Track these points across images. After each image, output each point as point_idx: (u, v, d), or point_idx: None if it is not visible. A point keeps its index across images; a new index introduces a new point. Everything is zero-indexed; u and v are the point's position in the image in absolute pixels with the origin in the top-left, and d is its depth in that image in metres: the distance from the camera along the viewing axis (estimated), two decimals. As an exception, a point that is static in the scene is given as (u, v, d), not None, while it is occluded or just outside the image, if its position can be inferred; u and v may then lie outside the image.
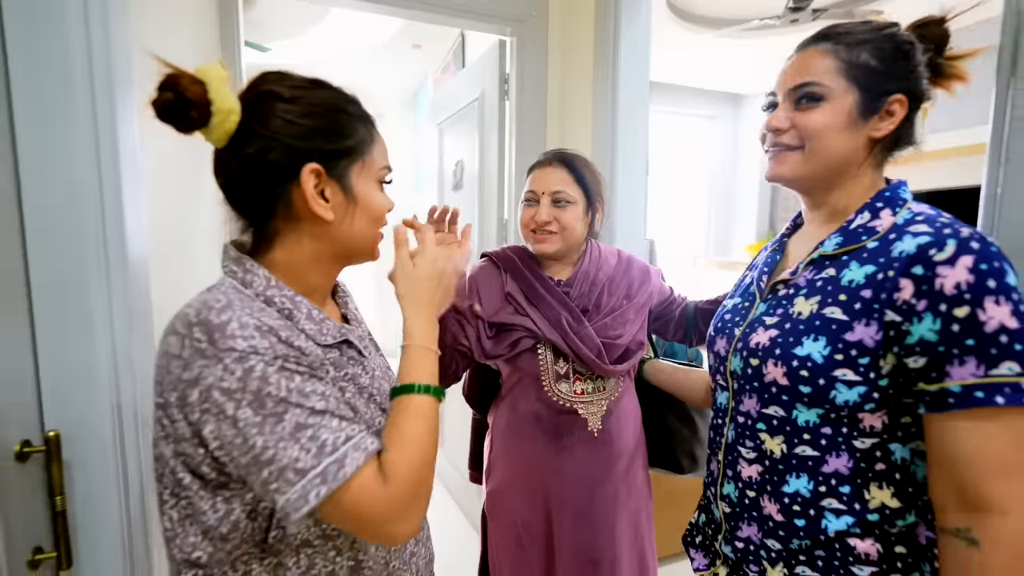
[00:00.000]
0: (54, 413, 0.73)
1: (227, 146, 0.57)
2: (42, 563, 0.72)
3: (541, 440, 1.04)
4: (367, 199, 0.63)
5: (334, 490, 0.50)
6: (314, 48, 3.32)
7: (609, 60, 1.55)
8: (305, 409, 0.52)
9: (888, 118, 0.63)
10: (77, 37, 0.70)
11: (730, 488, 0.72)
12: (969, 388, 0.52)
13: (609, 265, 1.09)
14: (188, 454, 0.54)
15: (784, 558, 0.66)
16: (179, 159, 1.09)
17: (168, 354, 0.53)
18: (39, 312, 0.71)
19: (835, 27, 0.66)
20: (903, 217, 0.61)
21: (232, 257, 0.61)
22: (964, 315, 0.52)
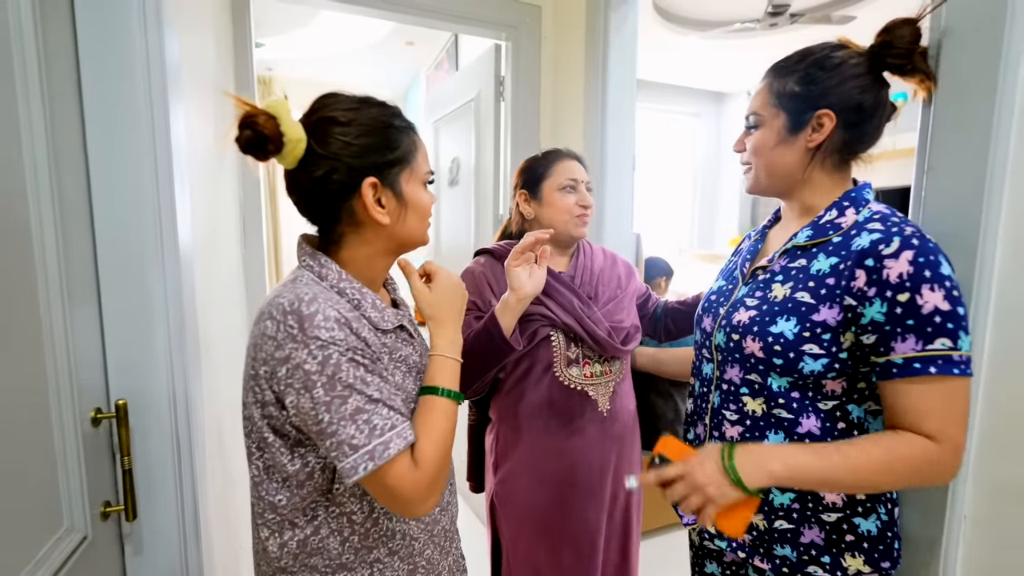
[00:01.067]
0: (120, 385, 0.83)
1: (298, 168, 0.67)
2: (110, 515, 0.82)
3: (554, 424, 1.09)
4: (416, 200, 0.73)
5: (379, 467, 0.61)
6: (308, 44, 3.37)
7: (599, 64, 1.66)
8: (364, 396, 0.62)
9: (819, 129, 0.73)
10: (139, 53, 0.80)
11: None
12: (909, 360, 0.63)
13: (599, 259, 1.19)
14: (273, 416, 0.66)
15: (763, 509, 0.77)
16: (207, 165, 1.18)
17: (264, 335, 0.63)
18: (106, 298, 0.81)
19: (777, 62, 0.79)
20: (864, 215, 0.71)
21: (308, 252, 0.71)
22: (905, 300, 0.63)
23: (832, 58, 0.73)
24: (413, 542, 0.75)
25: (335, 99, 0.69)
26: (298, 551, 0.70)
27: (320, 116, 0.67)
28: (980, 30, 0.66)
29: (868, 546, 0.72)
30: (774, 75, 0.78)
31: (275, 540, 0.70)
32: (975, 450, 0.70)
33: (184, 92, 0.94)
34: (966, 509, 0.71)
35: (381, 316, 0.71)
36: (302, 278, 0.68)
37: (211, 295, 1.17)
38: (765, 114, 0.78)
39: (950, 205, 0.71)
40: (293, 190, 0.70)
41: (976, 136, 0.67)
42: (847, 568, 0.72)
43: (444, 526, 0.81)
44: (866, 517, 0.73)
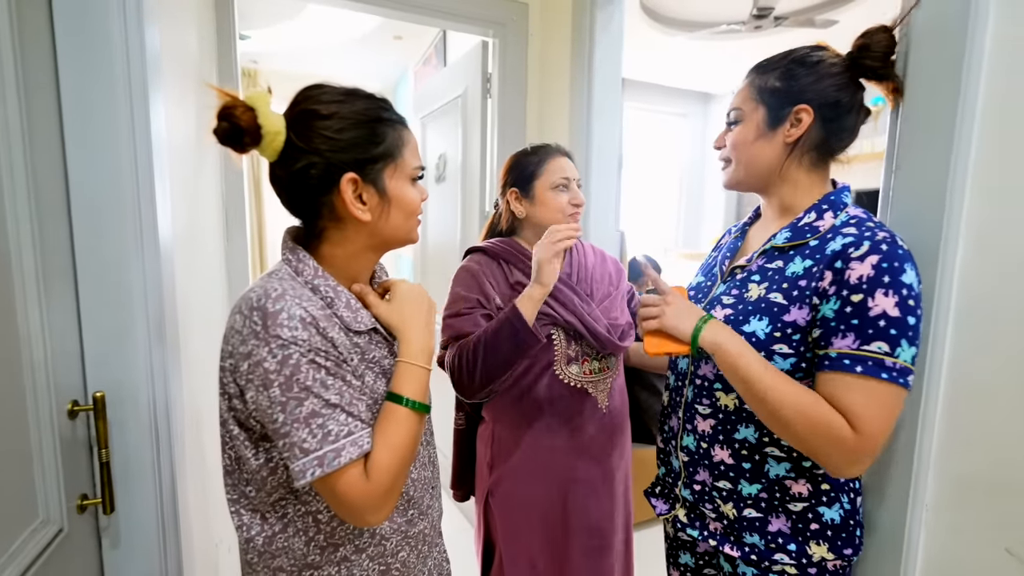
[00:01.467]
0: (97, 377, 0.82)
1: (278, 160, 0.65)
2: (87, 508, 0.82)
3: (555, 422, 1.09)
4: (400, 196, 0.70)
5: (327, 474, 0.59)
6: (295, 37, 3.34)
7: (585, 63, 1.68)
8: (321, 400, 0.60)
9: (797, 124, 0.75)
10: (118, 42, 0.79)
11: (689, 440, 0.85)
12: (842, 355, 0.65)
13: (591, 257, 1.20)
14: (238, 409, 0.66)
15: (733, 499, 0.79)
16: (189, 157, 1.18)
17: (232, 328, 0.63)
18: (83, 289, 0.81)
19: (760, 61, 0.81)
20: (841, 219, 0.73)
21: (289, 247, 0.70)
22: (858, 300, 0.65)
23: (812, 56, 0.76)
24: (384, 542, 0.74)
25: (320, 90, 0.67)
26: (263, 549, 0.69)
27: (302, 108, 0.66)
28: (945, 38, 0.68)
29: (831, 534, 0.75)
30: (756, 72, 0.80)
31: (244, 532, 0.70)
32: (936, 442, 0.73)
33: (165, 83, 0.93)
34: (927, 498, 0.74)
35: (355, 316, 0.69)
36: (278, 272, 0.67)
37: (192, 287, 1.17)
38: (746, 108, 0.79)
39: (915, 203, 0.73)
40: (274, 182, 0.69)
41: (940, 137, 0.69)
42: (812, 555, 0.74)
43: (423, 530, 0.79)
44: (830, 506, 0.75)
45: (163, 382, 0.88)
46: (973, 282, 0.68)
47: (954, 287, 0.70)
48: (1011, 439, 0.66)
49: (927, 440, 0.73)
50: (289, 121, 0.65)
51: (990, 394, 0.68)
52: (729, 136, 0.82)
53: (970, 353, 0.69)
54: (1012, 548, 0.66)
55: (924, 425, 0.72)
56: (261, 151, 0.65)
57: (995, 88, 0.66)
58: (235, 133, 0.63)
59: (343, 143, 0.65)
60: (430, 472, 0.83)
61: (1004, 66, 0.65)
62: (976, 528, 0.70)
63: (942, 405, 0.72)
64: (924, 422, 0.72)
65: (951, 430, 0.72)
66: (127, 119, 0.81)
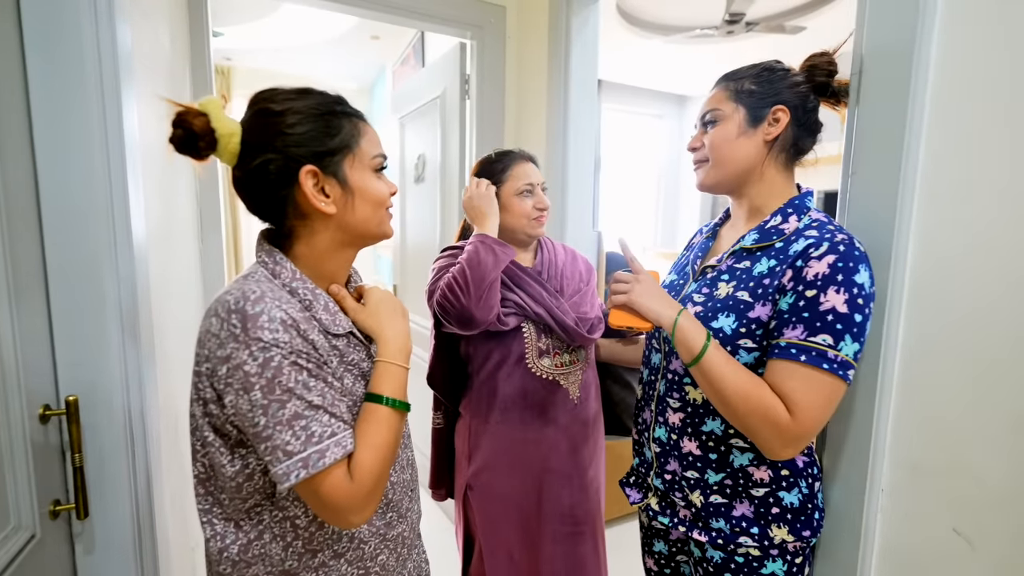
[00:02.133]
0: (70, 381, 0.81)
1: (237, 164, 0.66)
2: (60, 513, 0.81)
3: (528, 414, 1.13)
4: (364, 187, 0.69)
5: (312, 475, 0.59)
6: (270, 35, 3.30)
7: (561, 65, 1.70)
8: (304, 401, 0.60)
9: (775, 124, 0.80)
10: (89, 39, 0.78)
11: (661, 432, 0.88)
12: (790, 344, 0.70)
13: (561, 255, 1.24)
14: (214, 415, 0.64)
15: (701, 487, 0.83)
16: (162, 157, 1.16)
17: (209, 332, 0.62)
18: (55, 292, 0.79)
19: (729, 72, 0.85)
20: (804, 223, 0.77)
21: (265, 249, 0.69)
22: (811, 295, 0.70)
23: (779, 66, 0.83)
24: (363, 545, 0.73)
25: (272, 91, 0.67)
26: (238, 558, 0.68)
27: (255, 109, 0.66)
28: (895, 55, 0.73)
29: (791, 517, 0.79)
30: (728, 79, 0.84)
31: (216, 543, 0.68)
32: (891, 430, 0.77)
33: (137, 81, 0.92)
34: (883, 483, 0.78)
35: (333, 319, 0.69)
36: (255, 274, 0.66)
37: (167, 290, 1.15)
38: (725, 109, 0.82)
39: (869, 205, 0.77)
40: (236, 186, 0.68)
41: (891, 144, 0.73)
42: (773, 538, 0.79)
43: (402, 532, 0.79)
44: (789, 491, 0.79)
45: (138, 385, 0.88)
46: (922, 279, 0.73)
47: (905, 284, 0.74)
48: (957, 426, 0.70)
49: (882, 428, 0.77)
50: (244, 123, 0.66)
51: (938, 384, 0.72)
52: (707, 137, 0.84)
53: (920, 346, 0.74)
54: (959, 527, 0.71)
55: (879, 414, 0.76)
56: (219, 155, 0.65)
57: (940, 100, 0.70)
58: (190, 139, 0.63)
59: (297, 137, 0.65)
60: (409, 475, 0.83)
61: (948, 80, 0.70)
62: (927, 510, 0.74)
63: (895, 395, 0.76)
64: (879, 411, 0.76)
65: (904, 420, 0.76)
66: (99, 119, 0.80)
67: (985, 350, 0.67)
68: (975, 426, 0.68)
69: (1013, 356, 0.65)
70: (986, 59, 0.66)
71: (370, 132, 0.71)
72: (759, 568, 0.80)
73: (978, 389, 0.68)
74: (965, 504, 0.70)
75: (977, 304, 0.68)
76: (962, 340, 0.69)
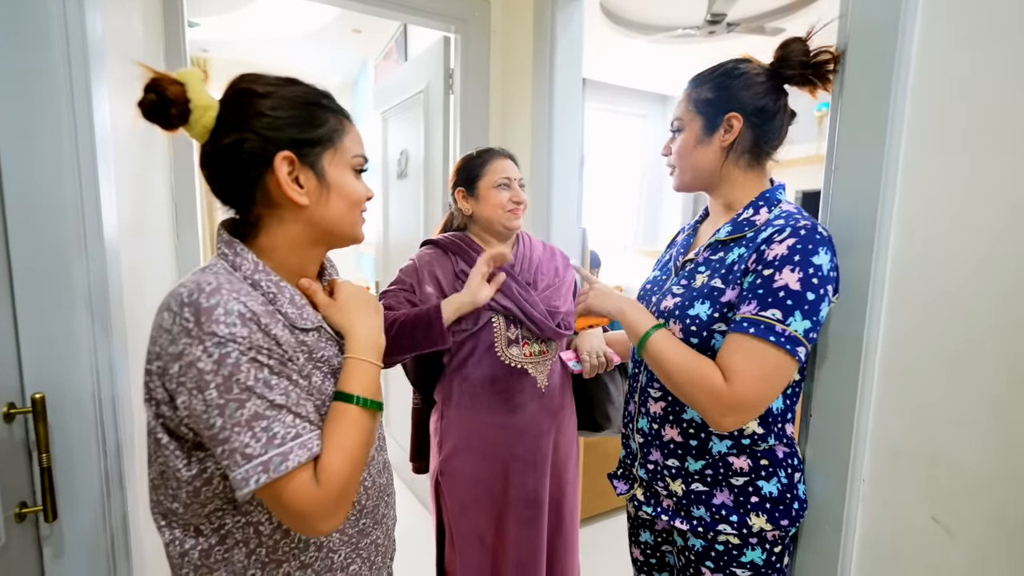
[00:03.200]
0: (36, 379, 0.78)
1: (208, 140, 0.62)
2: (27, 516, 0.77)
3: (496, 401, 1.17)
4: (341, 184, 0.66)
5: (273, 480, 0.55)
6: (248, 26, 3.22)
7: (546, 61, 1.70)
8: (266, 400, 0.56)
9: (730, 130, 0.83)
10: (56, 26, 0.75)
11: (643, 422, 0.91)
12: (743, 319, 0.72)
13: (538, 250, 1.27)
14: (166, 416, 0.60)
15: (682, 476, 0.85)
16: (135, 150, 1.12)
17: (160, 327, 0.57)
18: (19, 288, 0.76)
19: (695, 75, 0.88)
20: (775, 214, 0.79)
21: (225, 240, 0.65)
22: (768, 274, 0.72)
23: (738, 68, 0.84)
24: (332, 555, 0.70)
25: (256, 75, 0.65)
26: (199, 563, 0.64)
27: (237, 88, 0.63)
28: (876, 42, 0.74)
29: (770, 506, 0.81)
30: (692, 85, 0.88)
31: (176, 547, 0.65)
32: (872, 419, 0.78)
33: (109, 71, 0.89)
34: (863, 472, 0.79)
35: (300, 313, 0.65)
36: (213, 267, 0.62)
37: (141, 285, 1.11)
38: (686, 118, 0.87)
39: (852, 199, 0.78)
40: (203, 164, 0.64)
41: (873, 137, 0.74)
42: (752, 526, 0.80)
43: (376, 540, 0.76)
44: (768, 480, 0.81)
45: (109, 383, 0.84)
46: (903, 270, 0.74)
47: (887, 275, 0.75)
48: (936, 415, 0.72)
49: (864, 418, 0.78)
50: (222, 101, 0.62)
51: (919, 374, 0.73)
52: (674, 144, 0.90)
53: (901, 336, 0.75)
54: (937, 516, 0.72)
55: (861, 404, 0.78)
56: (189, 129, 0.61)
57: (920, 95, 0.72)
58: (161, 105, 0.59)
59: (279, 121, 0.62)
60: (384, 479, 0.80)
61: (928, 76, 0.71)
62: (907, 499, 0.75)
63: (877, 385, 0.77)
64: (861, 401, 0.78)
65: (884, 409, 0.77)
66: (67, 109, 0.77)
67: (959, 334, 0.69)
68: (952, 411, 0.70)
69: (985, 339, 0.66)
70: (962, 55, 0.67)
71: (354, 132, 0.70)
72: (738, 556, 0.81)
73: (954, 374, 0.69)
74: (943, 492, 0.71)
75: (950, 290, 0.69)
76: (940, 329, 0.71)
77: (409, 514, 2.18)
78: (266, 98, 0.62)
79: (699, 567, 0.84)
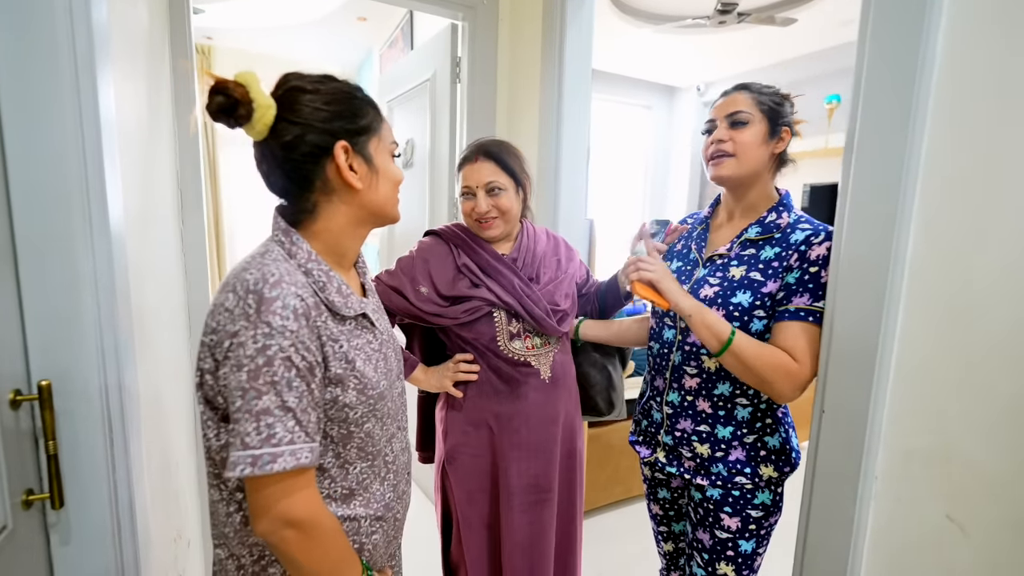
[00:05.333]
0: (42, 365, 0.77)
1: (268, 136, 0.67)
2: (34, 503, 0.77)
3: (501, 391, 1.17)
4: (385, 168, 0.74)
5: (256, 476, 0.60)
6: (252, 13, 3.19)
7: (555, 49, 1.67)
8: (279, 399, 0.61)
9: (781, 142, 0.98)
10: (61, 13, 0.74)
11: (674, 396, 1.05)
12: (799, 309, 0.89)
13: (542, 242, 1.25)
14: (208, 385, 0.66)
15: (711, 441, 1.00)
16: (140, 136, 1.11)
17: (223, 306, 0.63)
18: (25, 274, 0.75)
19: (745, 84, 1.01)
20: (793, 218, 0.97)
21: (282, 228, 0.71)
22: (814, 272, 0.89)
23: (781, 93, 1.01)
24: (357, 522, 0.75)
25: (298, 74, 0.71)
26: (240, 527, 0.70)
27: (288, 87, 0.69)
28: (900, 34, 0.72)
29: (775, 457, 0.99)
30: (749, 90, 0.99)
31: (224, 507, 0.70)
32: (886, 418, 0.77)
33: (114, 58, 0.87)
34: (876, 471, 0.79)
35: (345, 302, 0.71)
36: (271, 252, 0.68)
37: (148, 271, 1.11)
38: (755, 115, 0.97)
39: (872, 195, 0.76)
40: (263, 161, 0.70)
41: (894, 132, 0.72)
42: (762, 475, 0.98)
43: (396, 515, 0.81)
44: (772, 436, 1.00)
45: (116, 369, 0.84)
46: (921, 270, 0.73)
47: (905, 274, 0.74)
48: (951, 414, 0.70)
49: (878, 416, 0.77)
50: (278, 100, 0.67)
51: (935, 373, 0.72)
52: (736, 134, 0.97)
53: (918, 335, 0.74)
54: (952, 514, 0.71)
55: (875, 402, 0.77)
56: (250, 128, 0.67)
57: (945, 86, 0.69)
58: (230, 106, 0.64)
59: (331, 114, 0.69)
60: (405, 458, 0.85)
61: (953, 68, 0.69)
62: (920, 497, 0.75)
63: (892, 384, 0.76)
64: (875, 399, 0.76)
65: (899, 407, 0.76)
66: (72, 96, 0.76)
67: (979, 336, 0.67)
68: (968, 412, 0.69)
69: (1006, 341, 0.65)
70: (986, 56, 0.65)
71: (386, 121, 0.77)
72: (752, 499, 0.99)
73: (970, 374, 0.68)
74: (957, 490, 0.71)
75: (968, 290, 0.68)
76: (957, 328, 0.69)
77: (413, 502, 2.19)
78: (316, 93, 0.69)
79: (718, 513, 1.00)
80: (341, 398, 0.70)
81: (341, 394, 0.69)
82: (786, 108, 0.99)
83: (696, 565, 1.06)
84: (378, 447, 0.77)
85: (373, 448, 0.76)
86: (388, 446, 0.80)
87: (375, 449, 0.77)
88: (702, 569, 1.04)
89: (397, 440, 0.82)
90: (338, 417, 0.71)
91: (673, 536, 1.20)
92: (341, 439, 0.72)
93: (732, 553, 1.01)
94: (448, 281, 1.15)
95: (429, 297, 1.14)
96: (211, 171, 3.41)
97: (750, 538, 1.00)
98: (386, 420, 0.78)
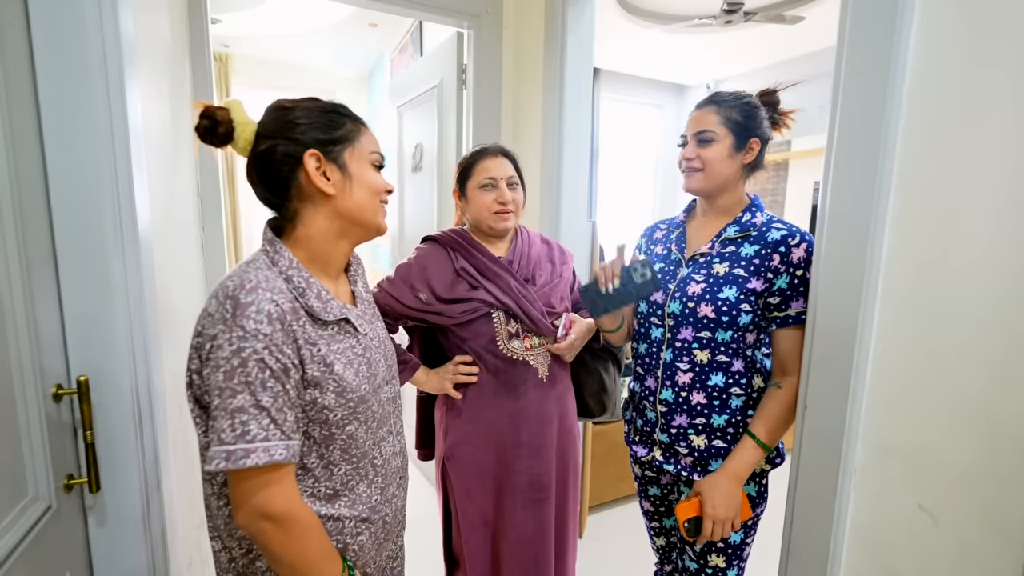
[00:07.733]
0: (80, 361, 0.85)
1: (251, 152, 0.75)
2: (73, 487, 0.85)
3: (500, 390, 1.21)
4: (361, 175, 0.78)
5: (231, 470, 0.64)
6: (267, 22, 3.28)
7: (557, 55, 1.72)
8: (254, 399, 0.64)
9: (750, 152, 1.03)
10: (93, 28, 0.81)
11: (667, 394, 1.06)
12: (800, 314, 0.95)
13: (536, 246, 1.29)
14: (196, 384, 0.71)
15: (707, 431, 1.03)
16: (164, 144, 1.18)
17: (207, 311, 0.68)
18: (64, 276, 0.83)
19: (716, 94, 1.05)
20: (765, 218, 1.03)
21: (268, 239, 0.76)
22: (800, 275, 0.96)
23: (755, 102, 1.05)
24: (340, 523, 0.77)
25: (285, 98, 0.78)
26: (229, 520, 0.75)
27: (268, 109, 0.77)
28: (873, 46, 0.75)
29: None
30: (720, 104, 1.03)
31: (215, 501, 0.75)
32: (864, 414, 0.81)
33: (140, 69, 0.94)
34: (856, 464, 0.82)
35: (324, 307, 0.74)
36: (256, 261, 0.73)
37: (172, 273, 1.18)
38: (719, 132, 1.02)
39: (849, 195, 0.80)
40: (249, 175, 0.76)
41: (869, 136, 0.76)
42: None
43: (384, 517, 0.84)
44: None
45: (144, 366, 0.91)
46: (896, 269, 0.76)
47: (880, 272, 0.77)
48: (923, 409, 0.74)
49: (856, 412, 0.81)
50: (260, 120, 0.76)
51: (909, 370, 0.76)
52: (703, 151, 1.04)
53: (892, 334, 0.77)
54: (924, 504, 0.75)
55: (854, 399, 0.80)
56: (235, 145, 0.75)
57: (916, 98, 0.73)
58: (212, 127, 0.73)
59: (303, 127, 0.74)
60: (399, 462, 0.88)
61: (923, 80, 0.72)
62: (896, 490, 0.78)
63: (868, 381, 0.80)
64: (853, 395, 0.80)
65: (877, 404, 0.80)
66: (104, 107, 0.83)
67: (949, 333, 0.71)
68: (938, 407, 0.72)
69: (973, 339, 0.68)
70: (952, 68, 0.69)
71: (369, 133, 0.81)
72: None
73: (943, 372, 0.72)
74: (929, 482, 0.74)
75: (941, 289, 0.71)
76: (928, 324, 0.73)
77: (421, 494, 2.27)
78: (292, 110, 0.76)
79: None
80: (320, 400, 0.72)
81: (320, 396, 0.72)
82: (758, 117, 1.03)
83: (688, 558, 1.09)
84: (363, 449, 0.79)
85: (357, 450, 0.78)
86: (376, 449, 0.81)
87: (359, 451, 0.78)
88: (694, 562, 1.08)
89: (388, 444, 0.84)
90: (318, 419, 0.73)
91: (665, 531, 1.23)
92: (323, 440, 0.75)
93: (722, 545, 1.05)
94: (447, 284, 1.19)
95: (428, 302, 1.18)
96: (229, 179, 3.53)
97: (738, 529, 1.03)
98: (371, 424, 0.80)
